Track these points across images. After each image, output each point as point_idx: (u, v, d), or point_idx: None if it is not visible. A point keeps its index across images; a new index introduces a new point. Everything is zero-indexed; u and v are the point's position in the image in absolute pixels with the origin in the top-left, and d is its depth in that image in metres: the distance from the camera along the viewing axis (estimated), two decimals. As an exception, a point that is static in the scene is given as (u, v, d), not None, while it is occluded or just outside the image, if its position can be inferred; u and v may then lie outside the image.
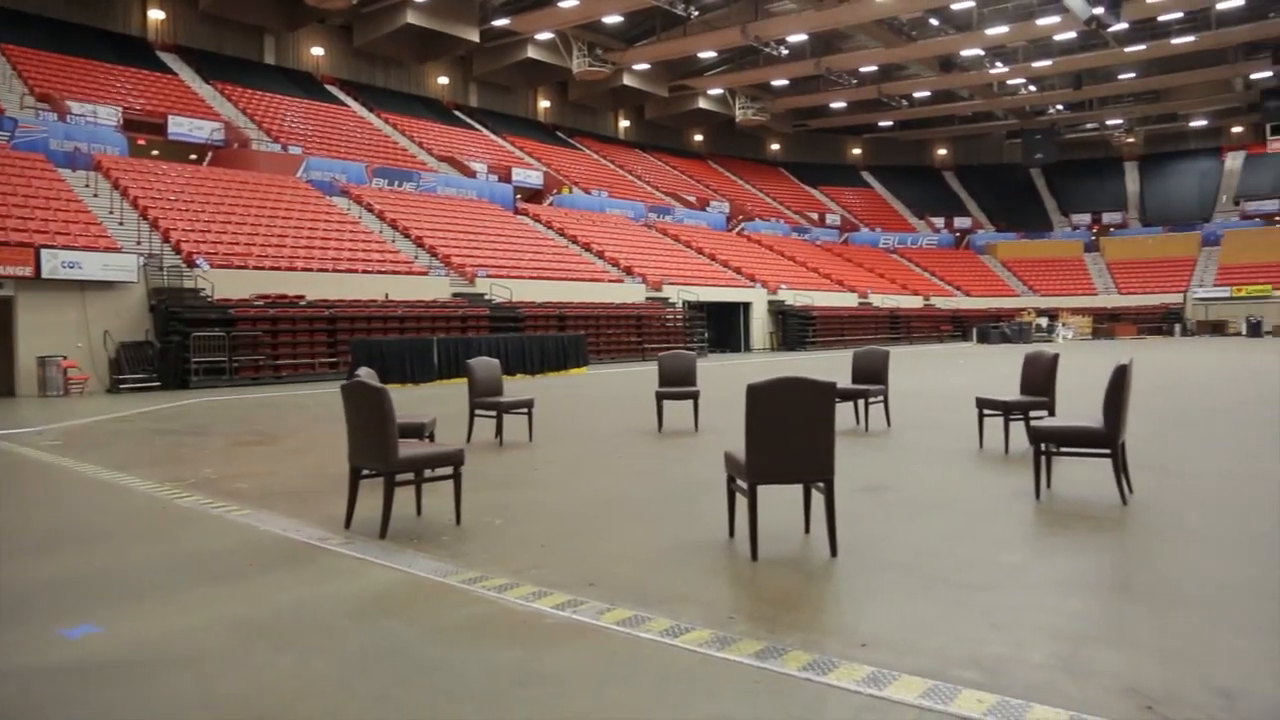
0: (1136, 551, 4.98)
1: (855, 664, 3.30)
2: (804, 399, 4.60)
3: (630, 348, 29.73)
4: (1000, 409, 8.06)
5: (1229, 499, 6.11)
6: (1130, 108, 58.32)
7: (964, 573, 4.45)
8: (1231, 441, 8.88)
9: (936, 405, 12.72)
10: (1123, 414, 5.75)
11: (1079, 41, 46.00)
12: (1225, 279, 49.95)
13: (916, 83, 52.28)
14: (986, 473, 7.31)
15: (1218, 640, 3.52)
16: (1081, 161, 62.88)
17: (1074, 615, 3.82)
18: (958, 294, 52.90)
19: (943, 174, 66.55)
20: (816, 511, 5.28)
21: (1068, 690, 3.05)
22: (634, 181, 49.51)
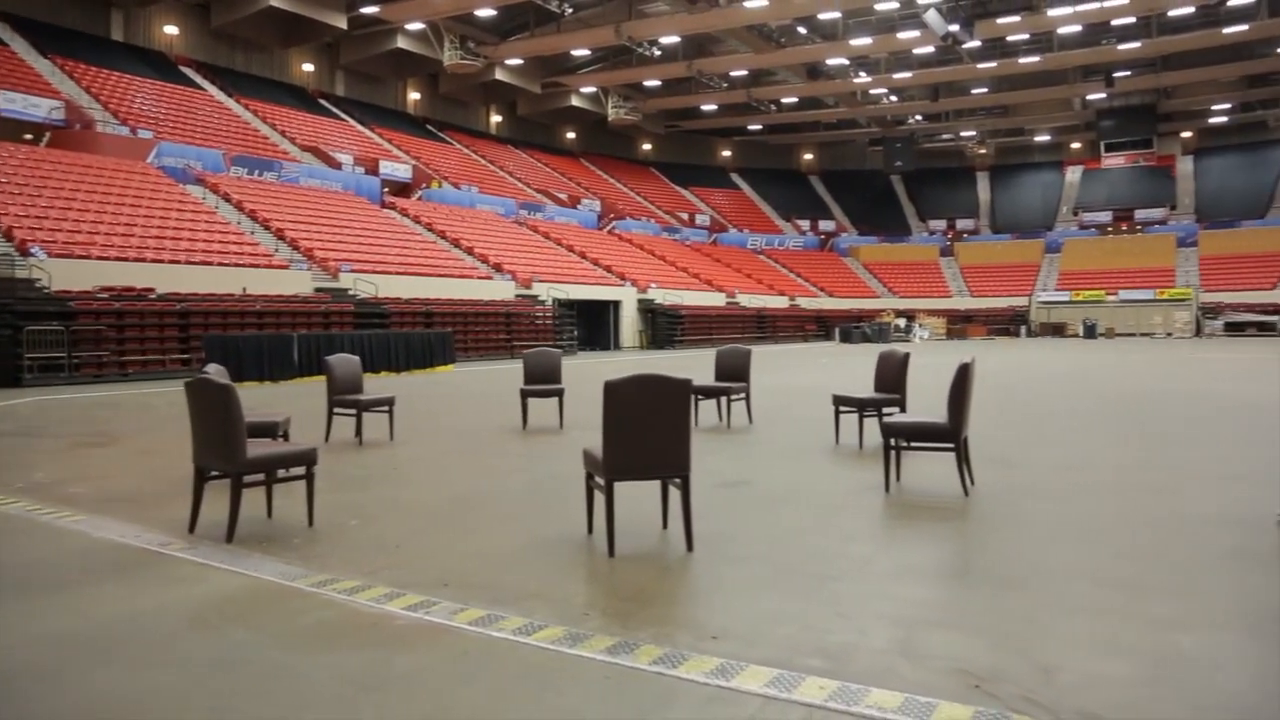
0: (975, 540, 5.24)
1: (705, 656, 3.35)
2: (660, 396, 4.64)
3: (499, 345, 29.46)
4: (855, 406, 8.35)
5: (1060, 489, 6.50)
6: (982, 121, 61.44)
7: (814, 564, 4.58)
8: (1065, 435, 9.45)
9: (797, 402, 13.08)
10: (965, 410, 6.04)
11: (936, 56, 48.15)
12: (1065, 284, 53.27)
13: (785, 88, 53.64)
14: (841, 467, 7.56)
15: (1042, 621, 3.73)
16: (938, 170, 65.85)
17: (914, 602, 3.99)
18: (822, 295, 54.57)
19: (809, 178, 68.52)
20: (675, 507, 5.33)
21: (904, 673, 3.18)
22: (505, 178, 49.05)
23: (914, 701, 2.94)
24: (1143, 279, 51.10)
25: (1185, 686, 3.07)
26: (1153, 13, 42.99)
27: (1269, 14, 42.56)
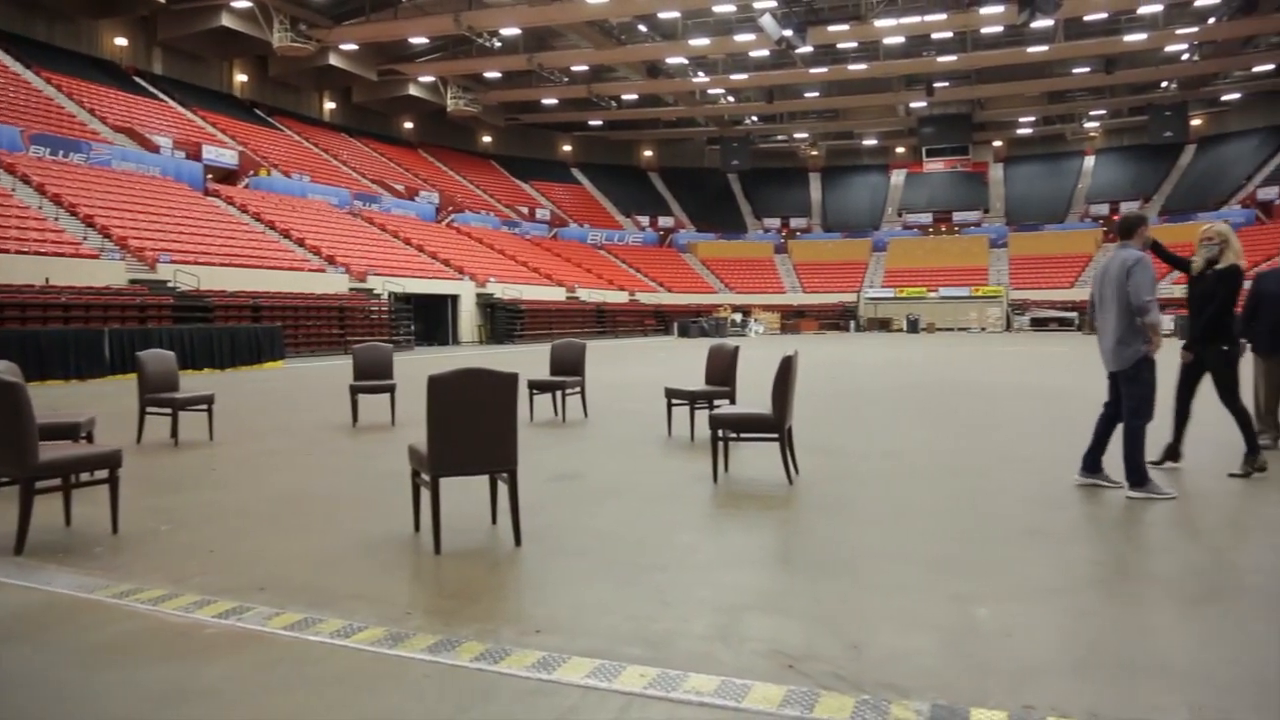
0: (796, 526, 5.44)
1: (528, 650, 3.34)
2: (486, 390, 4.60)
3: (332, 341, 28.42)
4: (686, 398, 8.53)
5: (879, 475, 6.85)
6: (814, 124, 63.89)
7: (640, 554, 4.65)
8: (885, 424, 9.96)
9: (632, 396, 13.24)
10: (789, 401, 6.27)
11: (771, 59, 49.69)
12: (890, 281, 56.08)
13: (625, 85, 54.12)
14: (671, 459, 7.70)
15: (854, 601, 3.92)
16: (773, 170, 67.95)
17: (736, 588, 4.11)
18: (661, 290, 55.41)
19: (649, 175, 69.35)
20: (505, 502, 5.30)
21: (722, 658, 3.27)
22: (339, 167, 47.35)
23: (730, 684, 3.03)
24: (960, 277, 54.41)
25: (977, 654, 3.29)
26: (967, 29, 45.79)
27: (1065, 38, 46.14)
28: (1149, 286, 5.72)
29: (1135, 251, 5.87)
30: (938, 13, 43.30)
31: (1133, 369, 5.78)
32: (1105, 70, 50.70)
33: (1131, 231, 6.02)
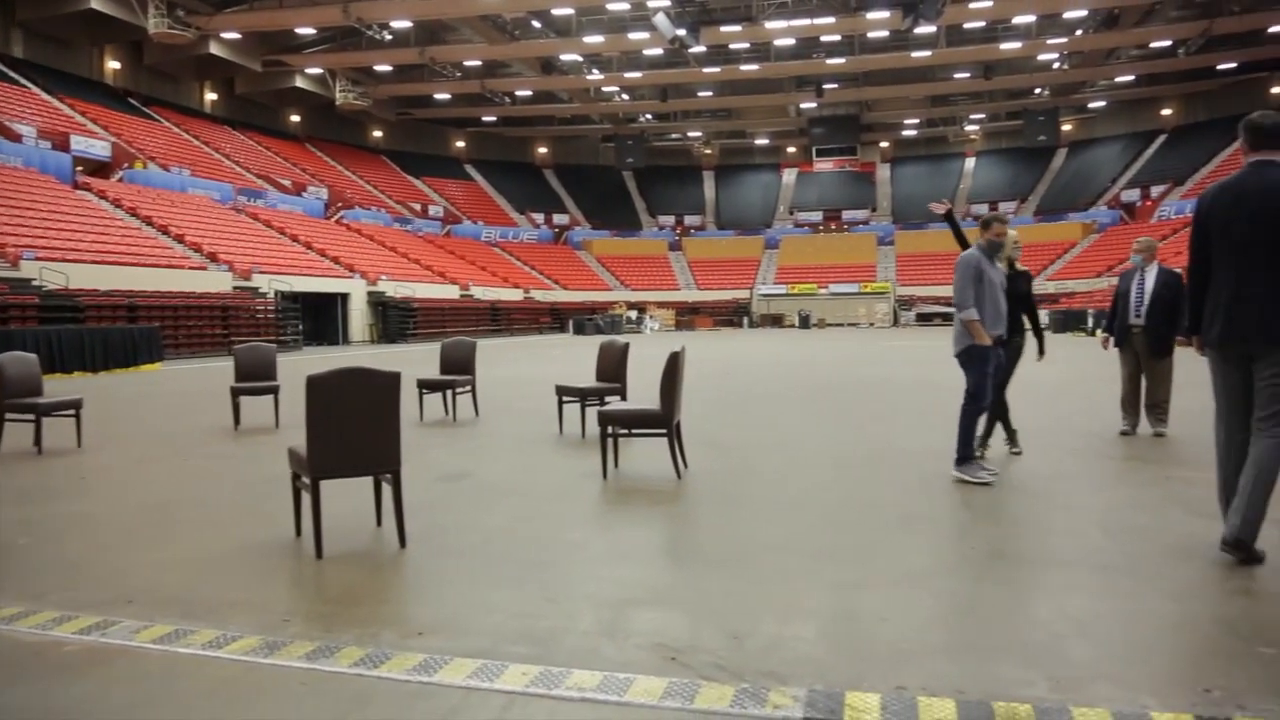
0: (684, 520, 5.50)
1: (410, 653, 3.29)
2: (367, 390, 4.51)
3: (214, 341, 27.40)
4: (577, 396, 8.52)
5: (767, 468, 6.97)
6: (708, 123, 64.68)
7: (528, 552, 4.63)
8: (774, 418, 10.14)
9: (525, 394, 13.16)
10: (676, 396, 6.33)
11: (665, 58, 50.09)
12: (783, 278, 57.25)
13: (519, 81, 53.74)
14: (562, 456, 7.69)
15: (738, 592, 3.98)
16: (667, 168, 68.52)
17: (623, 583, 4.13)
18: (556, 287, 55.27)
19: (543, 172, 69.04)
20: (391, 504, 5.21)
21: (607, 653, 3.28)
22: (221, 161, 45.64)
23: (612, 679, 3.04)
24: (849, 274, 55.91)
25: (855, 640, 3.39)
26: (855, 33, 47.07)
27: (947, 44, 47.88)
28: (960, 285, 6.17)
29: (971, 251, 6.28)
30: (826, 16, 44.37)
31: (963, 356, 6.23)
32: (984, 76, 52.83)
33: (986, 228, 6.37)
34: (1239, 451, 4.23)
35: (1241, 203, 4.19)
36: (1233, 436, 4.27)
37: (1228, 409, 4.33)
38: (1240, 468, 4.20)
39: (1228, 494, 4.26)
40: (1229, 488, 4.25)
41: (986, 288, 6.17)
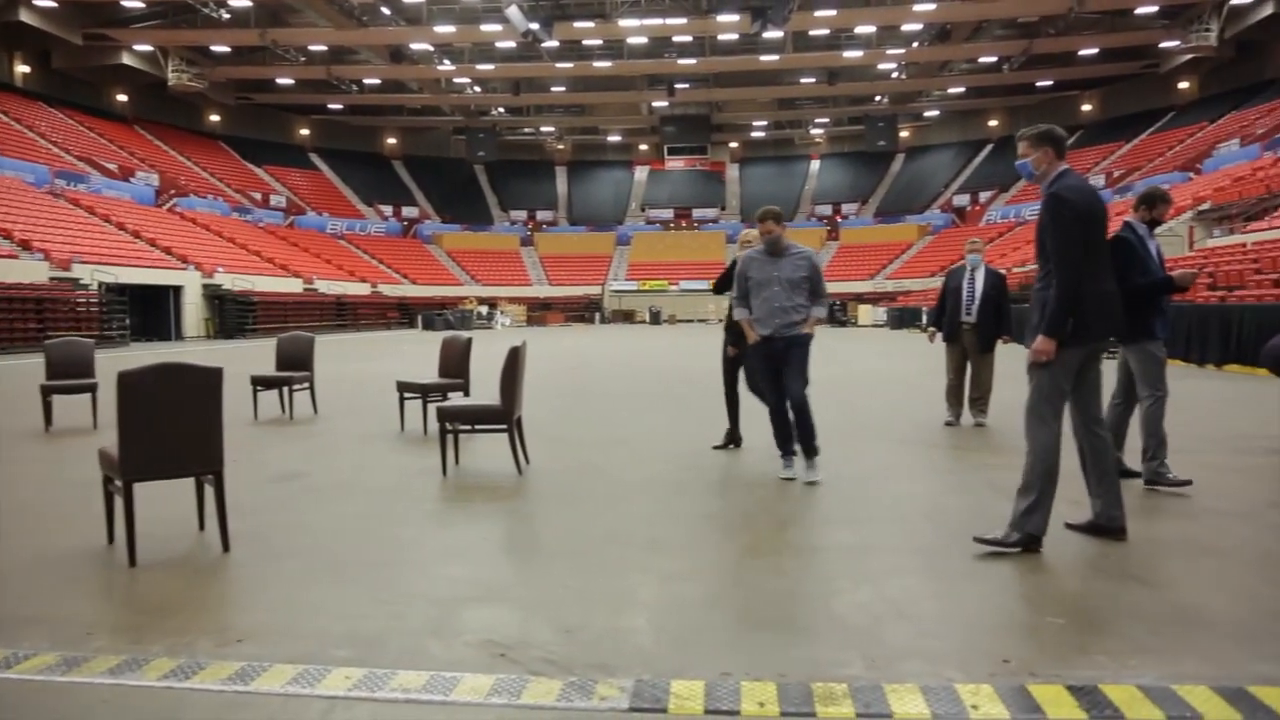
0: (523, 515, 5.48)
1: (226, 662, 3.14)
2: (185, 387, 4.27)
3: (28, 336, 25.35)
4: (418, 392, 8.36)
5: (607, 462, 7.02)
6: (561, 118, 64.54)
7: (360, 553, 4.51)
8: (618, 412, 10.22)
9: (368, 390, 12.81)
10: (517, 392, 6.30)
11: (518, 52, 49.65)
12: (634, 274, 57.83)
13: (367, 69, 52.15)
14: (402, 454, 7.52)
15: (572, 585, 3.99)
16: (520, 162, 68.01)
17: (455, 581, 4.07)
18: (405, 282, 54.00)
19: (392, 163, 67.29)
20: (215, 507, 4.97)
21: (434, 652, 3.23)
22: (36, 140, 42.25)
23: (439, 679, 3.00)
24: (699, 271, 56.89)
25: (684, 629, 3.45)
26: (706, 35, 47.96)
27: (793, 49, 49.44)
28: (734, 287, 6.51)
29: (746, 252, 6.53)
30: (678, 17, 45.03)
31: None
32: (828, 82, 54.80)
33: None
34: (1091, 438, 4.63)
35: (1099, 203, 4.56)
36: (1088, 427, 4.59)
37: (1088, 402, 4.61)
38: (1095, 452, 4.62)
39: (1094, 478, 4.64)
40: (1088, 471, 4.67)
41: (755, 287, 6.18)
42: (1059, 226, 4.37)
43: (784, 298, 6.13)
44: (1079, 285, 4.34)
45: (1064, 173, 4.48)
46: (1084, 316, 4.38)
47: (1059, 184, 4.43)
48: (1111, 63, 51.11)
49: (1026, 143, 4.56)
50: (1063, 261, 4.36)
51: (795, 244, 6.32)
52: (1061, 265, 4.36)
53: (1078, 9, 41.79)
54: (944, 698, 2.81)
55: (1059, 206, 4.38)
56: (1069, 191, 4.40)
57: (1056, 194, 4.40)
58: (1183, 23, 44.34)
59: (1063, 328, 4.36)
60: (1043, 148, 4.50)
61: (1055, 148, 4.51)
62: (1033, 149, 4.53)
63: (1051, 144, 4.51)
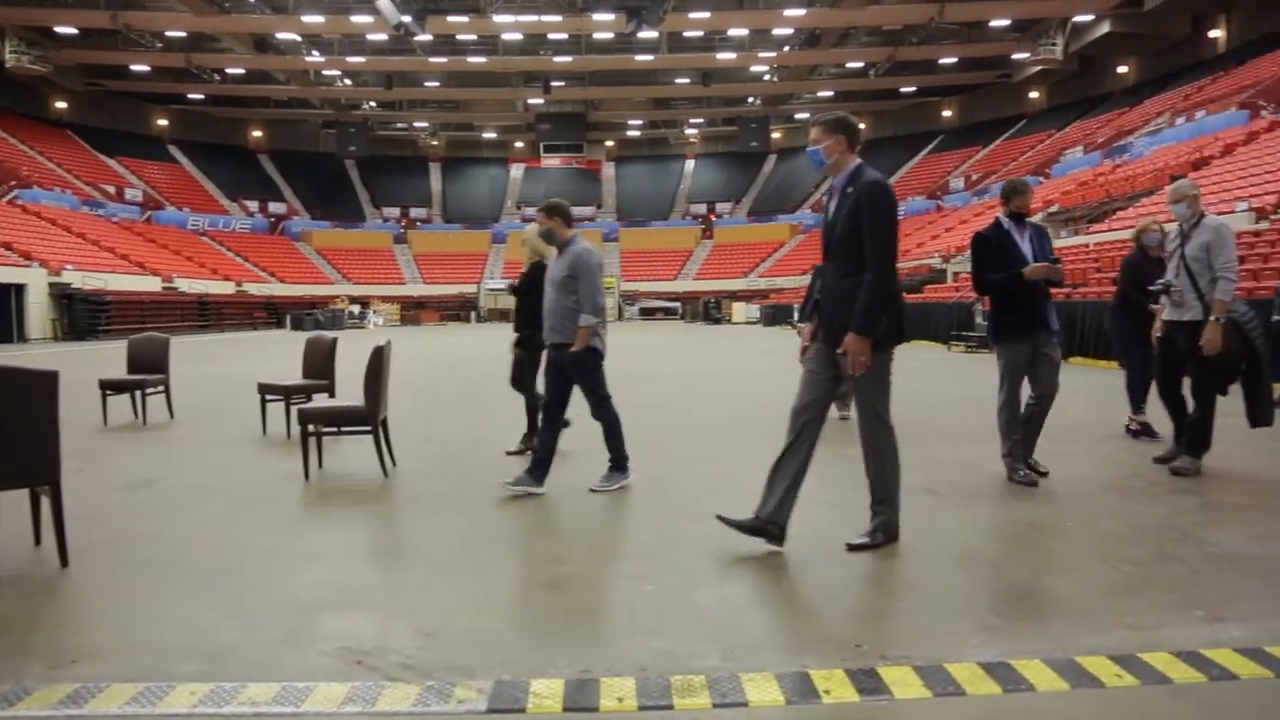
0: (386, 519, 5.35)
1: (58, 685, 2.95)
2: (14, 391, 4.01)
3: None
4: (281, 394, 8.08)
5: (472, 461, 6.94)
6: (435, 114, 63.47)
7: (212, 562, 4.32)
8: (488, 412, 10.09)
9: (230, 393, 12.28)
10: (382, 392, 6.16)
11: (390, 45, 48.56)
12: (511, 272, 57.24)
13: (230, 58, 50.06)
14: (263, 458, 7.26)
15: (434, 588, 3.93)
16: (393, 158, 66.54)
17: (313, 587, 3.94)
18: (273, 280, 52.10)
19: (258, 156, 64.88)
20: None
21: (288, 662, 3.13)
22: None
23: (291, 689, 2.90)
24: (574, 270, 56.92)
25: (547, 628, 3.43)
26: (581, 33, 47.98)
27: (668, 50, 49.98)
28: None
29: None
30: (554, 14, 44.89)
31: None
32: (702, 82, 55.60)
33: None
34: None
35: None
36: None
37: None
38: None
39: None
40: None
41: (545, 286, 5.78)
42: (882, 217, 4.19)
43: (551, 299, 5.64)
44: (893, 281, 4.24)
45: (864, 165, 4.32)
46: (897, 316, 4.28)
47: (873, 174, 4.27)
48: (969, 71, 53.67)
49: (819, 129, 4.33)
50: (884, 255, 4.19)
51: (577, 239, 5.73)
52: (882, 258, 4.17)
53: (938, 19, 43.70)
54: (798, 684, 2.89)
55: (884, 197, 4.20)
56: (887, 184, 4.28)
57: (880, 183, 4.23)
58: (1032, 36, 46.93)
59: (878, 327, 4.18)
60: (835, 136, 4.29)
61: (848, 137, 4.31)
62: (825, 136, 4.31)
63: (844, 132, 4.31)
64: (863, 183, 4.22)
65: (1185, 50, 44.52)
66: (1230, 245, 5.77)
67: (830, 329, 4.32)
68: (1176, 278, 5.94)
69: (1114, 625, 3.36)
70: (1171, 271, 6.01)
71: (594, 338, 5.56)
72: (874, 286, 4.13)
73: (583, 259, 5.57)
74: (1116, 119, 44.68)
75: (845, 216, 4.23)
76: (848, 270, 4.23)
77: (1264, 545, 4.40)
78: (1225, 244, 5.74)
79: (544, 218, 5.77)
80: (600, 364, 5.72)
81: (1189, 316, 5.86)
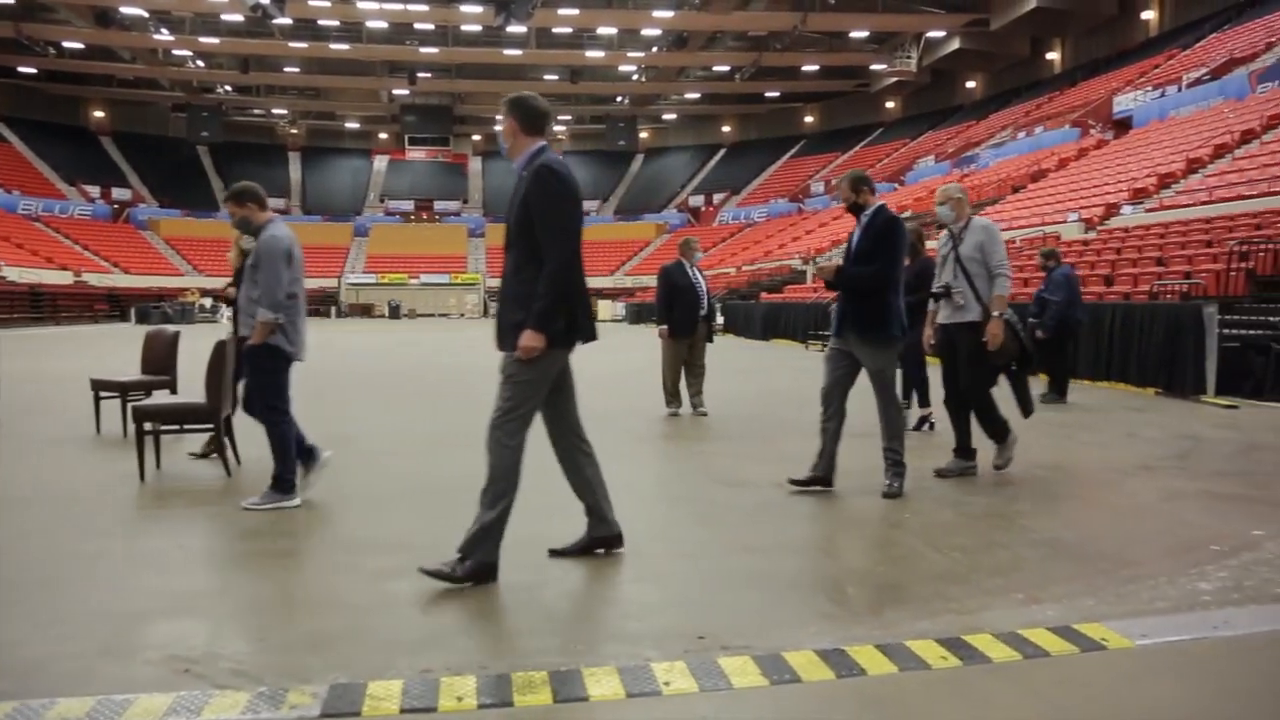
0: (227, 520, 5.07)
1: None
2: None
3: None
4: (117, 390, 7.63)
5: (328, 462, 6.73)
6: (294, 100, 61.27)
7: (28, 571, 4.03)
8: (345, 408, 9.84)
9: (63, 390, 11.52)
10: (225, 388, 5.90)
11: (247, 26, 46.54)
12: (373, 267, 55.98)
13: (68, 31, 46.89)
14: (96, 459, 6.86)
15: (271, 591, 3.81)
16: (249, 145, 63.78)
17: (141, 594, 3.73)
18: (116, 271, 49.17)
19: (100, 139, 61.03)
20: None
21: (107, 674, 2.95)
22: None
23: (108, 703, 2.73)
24: (440, 264, 56.04)
25: (389, 629, 3.34)
26: (449, 24, 47.18)
27: (537, 45, 49.74)
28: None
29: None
30: (420, 4, 43.98)
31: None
32: (571, 80, 55.54)
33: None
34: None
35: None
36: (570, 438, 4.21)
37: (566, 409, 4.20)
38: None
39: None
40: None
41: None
42: (552, 202, 3.78)
43: (243, 290, 5.24)
44: (576, 273, 3.84)
45: (544, 149, 3.91)
46: (573, 313, 3.86)
47: (547, 157, 3.87)
48: (830, 80, 55.51)
49: (503, 109, 3.98)
50: (557, 244, 3.76)
51: (270, 224, 5.24)
52: (555, 248, 3.75)
53: (801, 28, 45.00)
54: (639, 676, 2.92)
55: (552, 179, 3.80)
56: (560, 166, 3.86)
57: (549, 165, 3.82)
58: (889, 48, 48.97)
59: (556, 322, 3.76)
60: (509, 118, 3.93)
61: (522, 121, 3.92)
62: (504, 119, 3.96)
63: (517, 114, 3.92)
64: (533, 166, 3.85)
65: (1026, 69, 47.36)
66: (1001, 243, 5.84)
67: (500, 330, 3.89)
68: (955, 279, 5.88)
69: (942, 610, 3.53)
70: (948, 274, 5.95)
71: (277, 335, 5.03)
72: (547, 280, 3.73)
73: (265, 245, 5.04)
74: (965, 130, 47.07)
75: (518, 204, 3.84)
76: (521, 262, 3.84)
77: (1079, 531, 4.72)
78: (997, 243, 5.81)
79: (235, 206, 5.28)
80: (281, 366, 5.14)
81: (970, 318, 5.80)
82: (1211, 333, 10.29)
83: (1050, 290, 10.58)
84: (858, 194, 5.44)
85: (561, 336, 3.80)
